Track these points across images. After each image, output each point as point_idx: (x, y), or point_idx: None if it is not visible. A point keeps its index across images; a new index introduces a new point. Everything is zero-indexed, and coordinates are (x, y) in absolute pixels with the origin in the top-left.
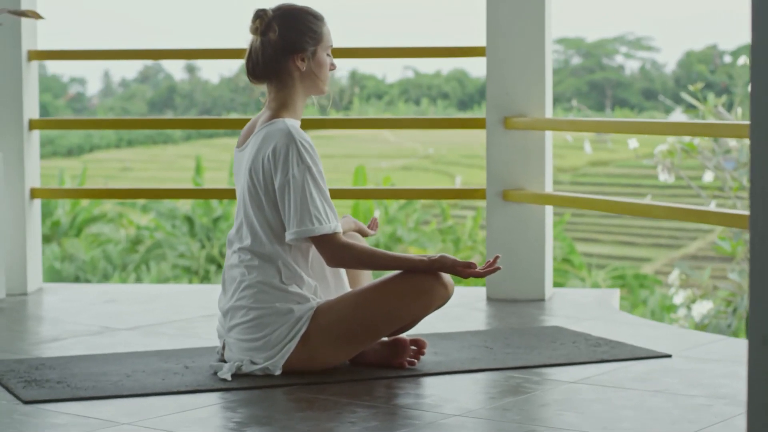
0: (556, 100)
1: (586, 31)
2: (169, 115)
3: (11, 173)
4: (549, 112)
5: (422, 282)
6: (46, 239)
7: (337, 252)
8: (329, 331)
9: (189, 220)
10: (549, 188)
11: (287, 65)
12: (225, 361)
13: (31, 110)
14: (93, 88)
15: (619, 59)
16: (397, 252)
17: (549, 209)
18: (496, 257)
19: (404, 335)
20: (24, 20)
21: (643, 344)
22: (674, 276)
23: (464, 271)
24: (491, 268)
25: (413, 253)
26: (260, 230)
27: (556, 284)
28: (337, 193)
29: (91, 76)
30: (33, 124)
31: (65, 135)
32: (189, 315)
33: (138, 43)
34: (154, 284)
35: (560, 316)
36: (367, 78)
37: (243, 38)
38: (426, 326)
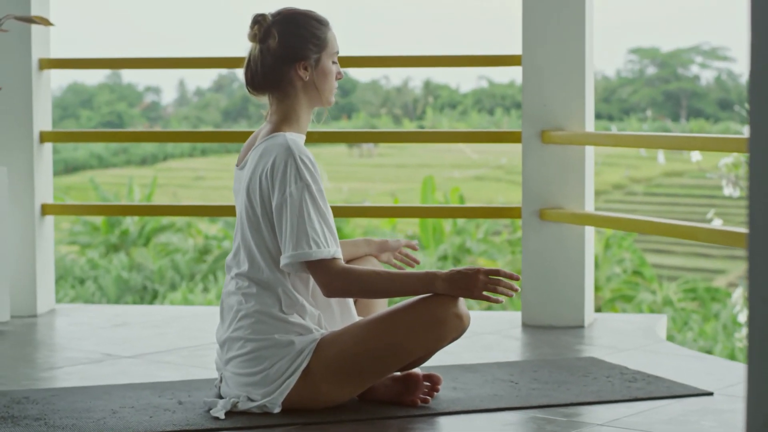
0: (631, 110)
1: (661, 40)
2: (242, 125)
3: (20, 188)
4: (590, 126)
5: (434, 312)
6: (115, 248)
7: (335, 279)
8: (333, 365)
9: None
10: (590, 207)
11: (289, 74)
12: (222, 397)
13: (43, 122)
14: (168, 97)
15: (694, 69)
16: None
17: (590, 230)
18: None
19: (419, 369)
20: (35, 27)
21: (685, 379)
22: (738, 293)
23: (486, 279)
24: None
25: (482, 264)
26: (258, 255)
27: (626, 297)
28: (350, 211)
29: (166, 85)
30: (44, 137)
31: (139, 144)
32: (201, 341)
33: (156, 52)
34: (175, 305)
35: (598, 345)
36: (440, 88)
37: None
38: (450, 356)
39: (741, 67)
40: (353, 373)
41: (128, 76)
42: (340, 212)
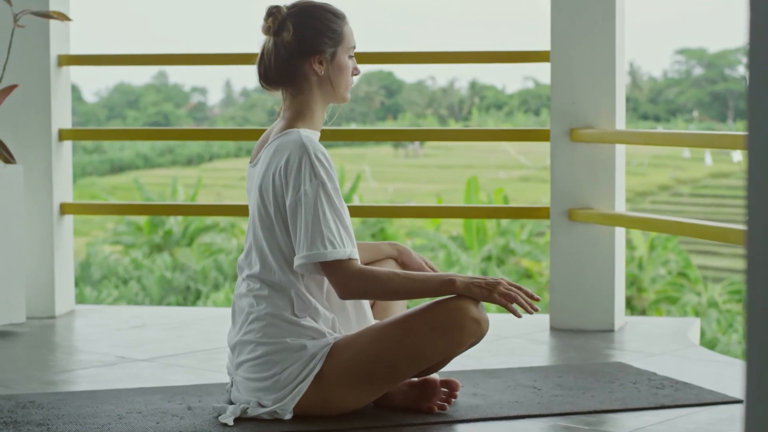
0: (678, 111)
1: (708, 41)
2: None
3: (38, 187)
4: (620, 124)
5: (452, 316)
6: (158, 248)
7: (351, 280)
8: (346, 370)
9: None
10: (620, 207)
11: (303, 69)
12: (232, 403)
13: (62, 119)
14: (214, 97)
15: (741, 70)
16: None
17: (620, 231)
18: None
19: (436, 375)
20: (54, 23)
21: (714, 386)
22: None
23: (507, 286)
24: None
25: (525, 264)
26: (270, 256)
27: (671, 299)
28: (375, 212)
29: (213, 85)
30: (63, 135)
31: (185, 144)
32: (218, 344)
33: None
34: (197, 307)
35: (627, 350)
36: (486, 88)
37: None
38: (473, 361)
39: None
40: (367, 379)
41: (175, 76)
42: (357, 212)
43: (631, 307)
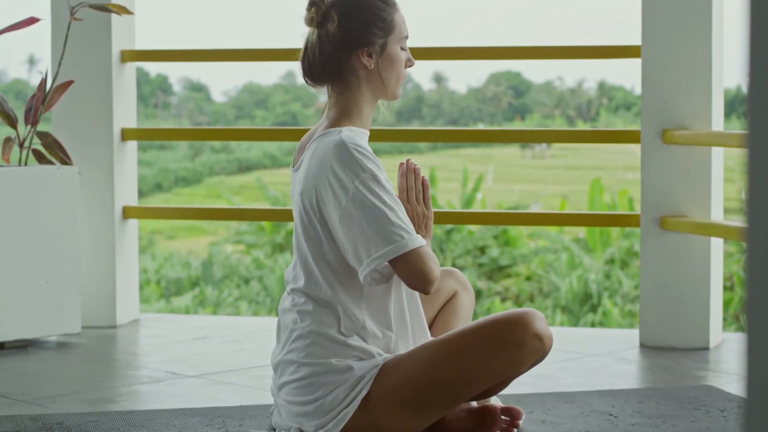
0: None
1: None
2: (415, 125)
3: (99, 190)
4: (718, 124)
5: (510, 333)
6: (280, 248)
7: (434, 265)
8: (395, 393)
9: None
10: (717, 215)
11: (350, 62)
12: (273, 428)
13: (125, 118)
14: None
15: None
16: None
17: (717, 241)
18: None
19: (498, 400)
20: (117, 17)
21: None
22: None
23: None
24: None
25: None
26: (315, 268)
27: None
28: (456, 217)
29: None
30: (126, 135)
31: None
32: None
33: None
34: (267, 317)
35: (721, 371)
36: (615, 89)
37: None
38: (548, 381)
39: None
40: (419, 403)
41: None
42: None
43: None
